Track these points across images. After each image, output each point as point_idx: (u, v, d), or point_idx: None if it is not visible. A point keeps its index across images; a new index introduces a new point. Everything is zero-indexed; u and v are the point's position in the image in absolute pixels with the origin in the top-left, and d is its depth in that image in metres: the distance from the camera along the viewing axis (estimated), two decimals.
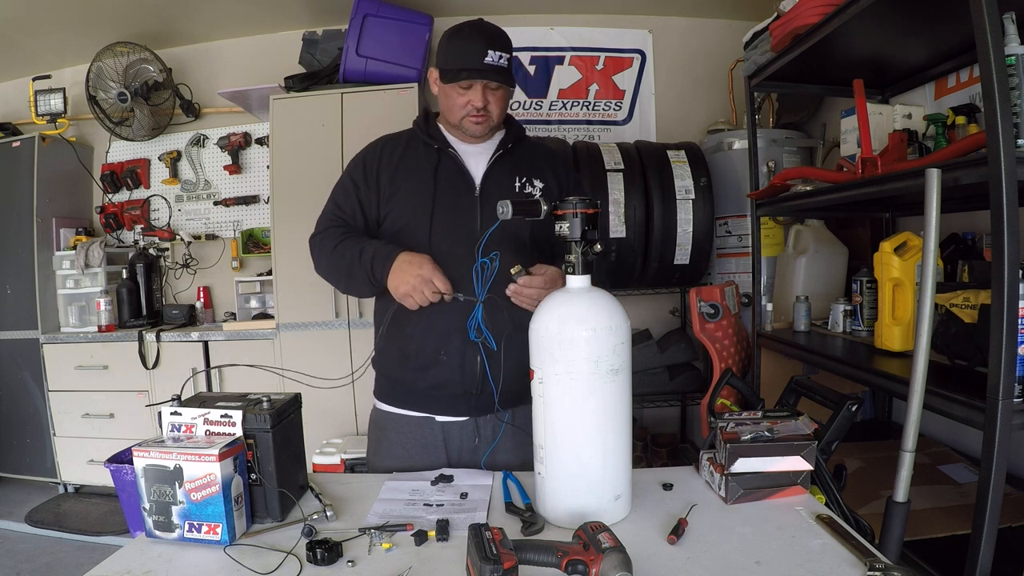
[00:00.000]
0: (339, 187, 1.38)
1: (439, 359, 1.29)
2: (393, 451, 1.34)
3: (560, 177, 1.41)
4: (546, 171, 1.40)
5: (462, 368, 1.29)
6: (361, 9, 2.71)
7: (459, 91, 1.26)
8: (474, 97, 1.25)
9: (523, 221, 1.27)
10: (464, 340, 1.28)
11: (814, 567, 0.82)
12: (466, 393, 1.31)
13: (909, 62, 2.01)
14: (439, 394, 1.32)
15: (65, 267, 3.18)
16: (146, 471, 0.92)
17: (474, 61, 1.22)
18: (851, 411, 1.17)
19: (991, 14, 1.10)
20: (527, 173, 1.36)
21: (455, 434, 1.34)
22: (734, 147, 2.76)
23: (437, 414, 1.33)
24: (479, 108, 1.26)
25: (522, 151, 1.39)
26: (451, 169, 1.32)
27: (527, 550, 0.76)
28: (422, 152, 1.35)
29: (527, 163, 1.38)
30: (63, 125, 3.27)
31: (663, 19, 3.32)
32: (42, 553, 2.58)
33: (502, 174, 1.34)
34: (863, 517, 1.17)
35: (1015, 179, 1.10)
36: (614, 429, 0.96)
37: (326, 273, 1.35)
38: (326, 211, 1.38)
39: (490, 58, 1.22)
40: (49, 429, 3.12)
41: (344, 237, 1.30)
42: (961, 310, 1.38)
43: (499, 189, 1.32)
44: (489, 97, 1.26)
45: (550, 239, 1.36)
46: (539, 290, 1.19)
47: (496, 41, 1.24)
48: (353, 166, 1.38)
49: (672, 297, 3.16)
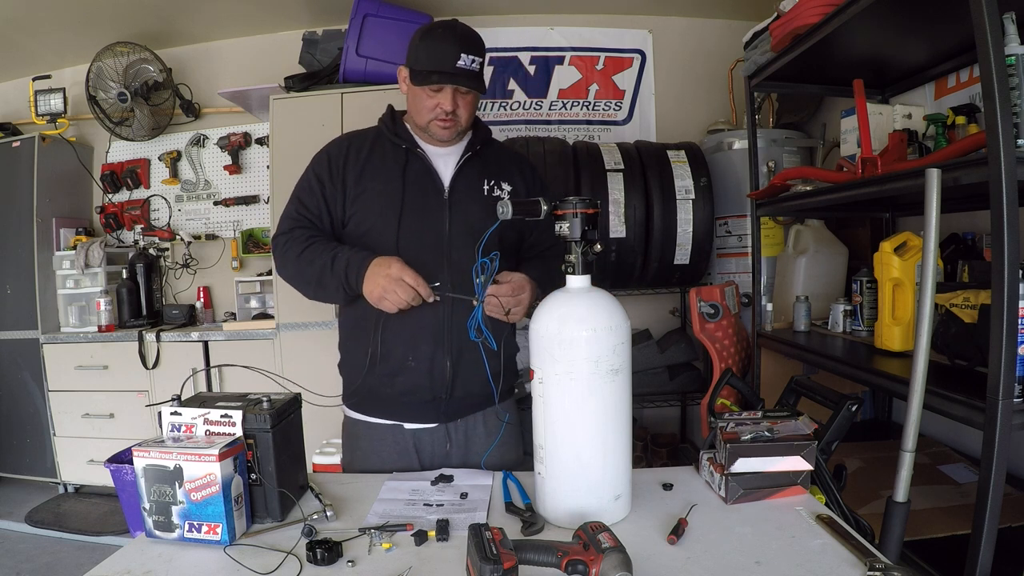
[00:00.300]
0: (303, 184, 1.32)
1: (407, 365, 1.27)
2: (367, 459, 1.32)
3: (527, 180, 1.40)
4: (514, 174, 1.38)
5: (431, 374, 1.27)
6: (361, 9, 2.71)
7: (428, 93, 1.23)
8: (444, 100, 1.22)
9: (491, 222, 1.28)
10: (433, 344, 1.26)
11: (814, 567, 0.82)
12: (435, 399, 1.29)
13: (909, 62, 2.01)
14: (408, 400, 1.30)
15: (65, 267, 3.18)
16: (146, 471, 0.92)
17: (446, 64, 1.19)
18: (851, 411, 1.17)
19: (991, 14, 1.10)
20: (495, 176, 1.34)
21: (426, 441, 1.32)
22: (734, 147, 2.76)
23: (406, 421, 1.31)
24: (448, 112, 1.23)
25: (490, 154, 1.38)
26: (419, 170, 1.29)
27: (527, 550, 0.76)
28: (389, 152, 1.31)
29: (495, 166, 1.36)
30: (63, 125, 3.27)
31: (663, 19, 3.32)
32: (42, 553, 2.58)
33: (471, 176, 1.32)
34: (863, 517, 1.17)
35: (1015, 179, 1.10)
36: (614, 429, 0.96)
37: (291, 278, 1.30)
38: (289, 211, 1.32)
39: (462, 62, 1.19)
40: (49, 429, 3.12)
41: (310, 242, 1.25)
42: (961, 310, 1.38)
43: (468, 192, 1.30)
44: (459, 101, 1.24)
45: (520, 244, 1.36)
46: (506, 297, 1.18)
47: (469, 44, 1.21)
48: (317, 163, 1.33)
49: (672, 297, 3.16)
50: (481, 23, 3.28)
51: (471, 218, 1.28)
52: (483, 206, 1.30)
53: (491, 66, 3.31)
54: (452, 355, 1.27)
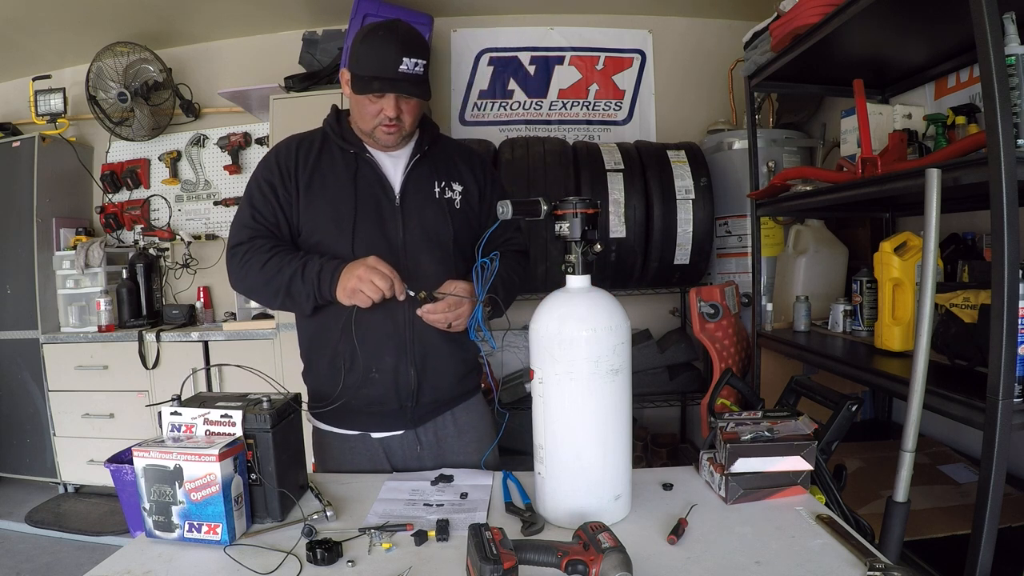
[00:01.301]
0: (253, 192, 1.27)
1: (371, 377, 1.25)
2: (340, 469, 1.30)
3: (478, 176, 1.37)
4: (465, 172, 1.35)
5: (396, 384, 1.26)
6: (361, 9, 2.71)
7: (371, 99, 1.19)
8: (387, 106, 1.19)
9: (445, 224, 1.28)
10: (396, 354, 1.24)
11: (814, 567, 0.82)
12: (402, 407, 1.28)
13: (909, 62, 2.01)
14: (374, 410, 1.28)
15: (65, 267, 3.18)
16: (146, 471, 0.92)
17: (388, 70, 1.15)
18: (851, 411, 1.17)
19: (991, 14, 1.10)
20: (445, 177, 1.32)
21: (396, 447, 1.31)
22: (734, 147, 2.76)
23: (373, 431, 1.30)
24: (391, 118, 1.20)
25: (439, 153, 1.35)
26: (370, 177, 1.27)
27: (527, 550, 0.76)
28: (338, 156, 1.28)
29: (444, 166, 1.34)
30: (63, 125, 3.27)
31: (663, 19, 3.32)
32: (42, 553, 2.58)
33: (421, 179, 1.30)
34: (863, 517, 1.17)
35: (1015, 179, 1.10)
36: (614, 429, 0.96)
37: (253, 289, 1.25)
38: (243, 218, 1.26)
39: (405, 66, 1.15)
40: (49, 429, 3.12)
41: (275, 251, 1.21)
42: (961, 310, 1.38)
43: (419, 196, 1.28)
44: (402, 106, 1.20)
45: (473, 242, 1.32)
46: (444, 314, 1.18)
47: (411, 47, 1.16)
48: (265, 168, 1.28)
49: (672, 297, 3.16)
50: (481, 23, 3.28)
51: (425, 223, 1.27)
52: (436, 209, 1.29)
53: (491, 66, 3.31)
54: (416, 363, 1.26)
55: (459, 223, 1.31)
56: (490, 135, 3.19)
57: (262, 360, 2.77)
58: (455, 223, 1.30)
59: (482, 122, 3.31)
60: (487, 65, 3.30)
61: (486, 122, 3.32)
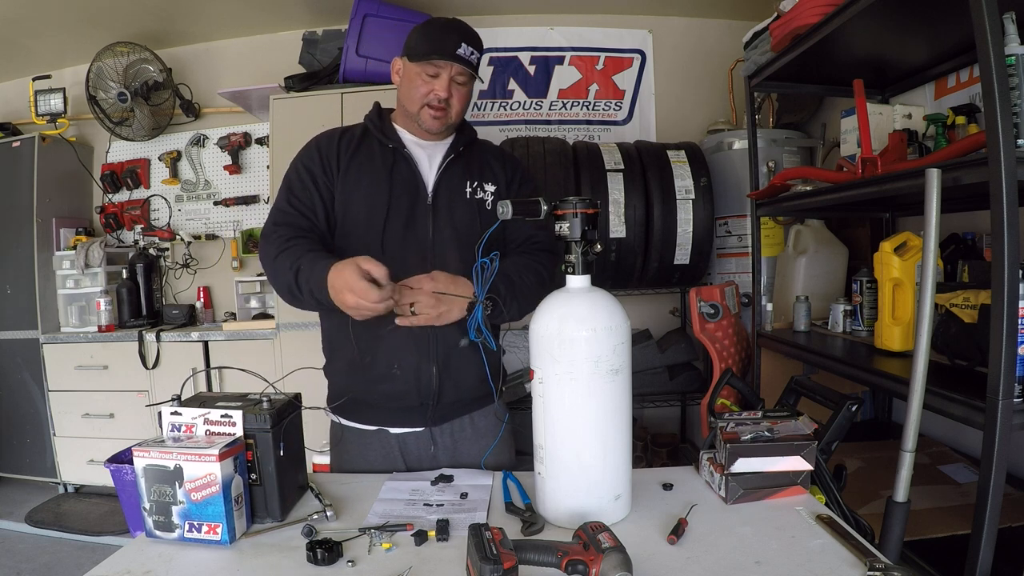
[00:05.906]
0: (292, 177, 1.27)
1: (392, 373, 1.25)
2: (353, 463, 1.31)
3: (510, 176, 1.38)
4: (498, 172, 1.36)
5: (417, 381, 1.26)
6: (361, 9, 2.72)
7: (424, 79, 1.22)
8: (439, 86, 1.22)
9: (474, 225, 1.28)
10: (418, 353, 1.24)
11: (814, 567, 0.82)
12: (422, 405, 1.28)
13: (909, 62, 2.01)
14: (394, 406, 1.29)
15: (65, 267, 3.18)
16: (146, 471, 0.91)
17: (447, 49, 1.20)
18: (851, 411, 1.17)
19: (991, 14, 1.10)
20: (478, 177, 1.33)
21: (411, 444, 1.31)
22: (734, 147, 2.76)
23: (391, 426, 1.30)
24: (441, 99, 1.22)
25: (473, 154, 1.36)
26: (405, 173, 1.28)
27: (527, 550, 0.76)
28: (376, 151, 1.29)
29: (478, 166, 1.35)
30: (63, 125, 3.27)
31: (663, 19, 3.32)
32: (42, 553, 2.58)
33: (454, 178, 1.30)
34: (863, 517, 1.17)
35: (1015, 179, 1.10)
36: (614, 429, 0.96)
37: (272, 284, 1.24)
38: (278, 203, 1.27)
39: (462, 50, 1.20)
40: (49, 429, 3.12)
41: (286, 247, 1.18)
42: (961, 310, 1.38)
43: (451, 196, 1.29)
44: (453, 91, 1.24)
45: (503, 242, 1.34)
46: (427, 315, 1.17)
47: (470, 37, 1.23)
48: (307, 154, 1.29)
49: (672, 297, 3.17)
50: (481, 23, 3.28)
51: (455, 222, 1.28)
52: (467, 210, 1.29)
53: (491, 66, 3.31)
54: (438, 363, 1.26)
55: (488, 224, 1.28)
56: (490, 135, 3.18)
57: (262, 360, 2.78)
58: (484, 224, 1.29)
59: (482, 122, 3.31)
60: (487, 65, 3.30)
61: (486, 122, 3.32)
